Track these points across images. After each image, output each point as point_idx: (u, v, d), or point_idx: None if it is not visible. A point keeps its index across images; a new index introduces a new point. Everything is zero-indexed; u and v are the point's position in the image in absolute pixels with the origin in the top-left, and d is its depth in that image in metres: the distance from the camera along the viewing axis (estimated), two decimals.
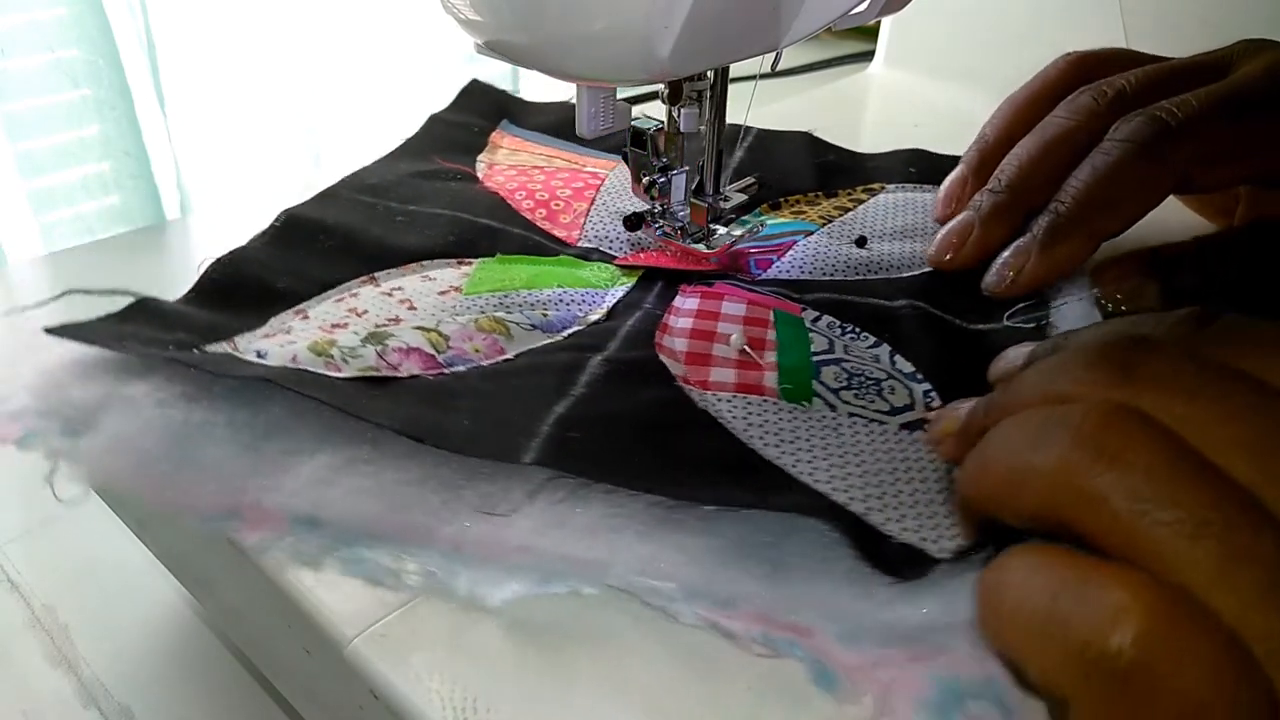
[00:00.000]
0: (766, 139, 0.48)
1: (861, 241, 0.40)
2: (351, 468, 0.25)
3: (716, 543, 0.23)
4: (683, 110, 0.34)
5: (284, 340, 0.30)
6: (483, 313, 0.33)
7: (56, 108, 0.68)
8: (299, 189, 0.42)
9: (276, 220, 0.36)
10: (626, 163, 0.38)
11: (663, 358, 0.31)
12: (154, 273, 0.55)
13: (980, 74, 0.53)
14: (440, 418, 0.27)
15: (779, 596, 0.22)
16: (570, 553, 0.23)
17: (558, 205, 0.41)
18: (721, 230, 0.38)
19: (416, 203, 0.40)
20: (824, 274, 0.38)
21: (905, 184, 0.45)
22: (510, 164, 0.45)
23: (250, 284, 0.33)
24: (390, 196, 0.40)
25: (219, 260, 0.33)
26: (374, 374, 0.29)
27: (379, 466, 0.25)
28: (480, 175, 0.44)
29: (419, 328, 0.31)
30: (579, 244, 0.39)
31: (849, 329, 0.34)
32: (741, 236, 0.38)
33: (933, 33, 0.57)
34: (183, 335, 0.29)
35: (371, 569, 0.23)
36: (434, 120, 0.48)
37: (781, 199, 0.44)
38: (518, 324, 0.33)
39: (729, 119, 0.36)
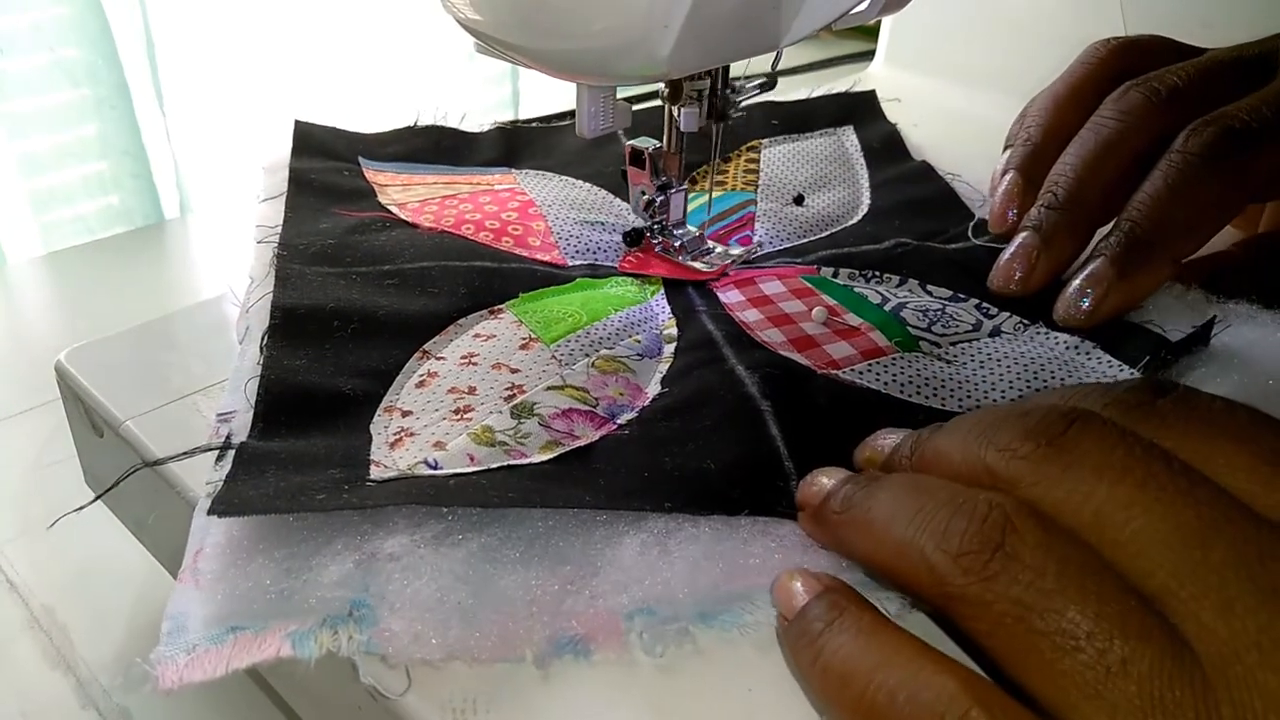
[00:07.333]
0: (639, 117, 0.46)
1: (799, 200, 0.42)
2: (670, 538, 0.24)
3: None
4: (682, 110, 0.34)
5: (420, 443, 0.28)
6: (586, 356, 0.32)
7: (56, 107, 0.68)
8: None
9: (274, 318, 0.32)
10: (624, 180, 0.38)
11: (781, 353, 0.32)
12: (154, 273, 0.55)
13: (980, 73, 0.53)
14: (690, 479, 0.26)
15: None
16: None
17: (516, 230, 0.39)
18: (719, 249, 0.38)
19: (387, 261, 0.36)
20: (800, 238, 0.40)
21: (776, 136, 0.48)
22: (420, 199, 0.42)
23: (313, 397, 0.29)
24: (350, 262, 0.36)
25: (264, 380, 0.30)
26: (563, 449, 0.28)
27: (695, 528, 0.25)
28: (406, 218, 0.40)
29: (552, 388, 0.30)
30: (571, 263, 0.38)
31: (870, 275, 0.36)
32: (739, 256, 0.38)
33: (933, 33, 0.57)
34: (334, 473, 0.26)
35: (751, 626, 0.23)
36: (300, 172, 0.43)
37: (694, 173, 0.44)
38: (628, 358, 0.32)
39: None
